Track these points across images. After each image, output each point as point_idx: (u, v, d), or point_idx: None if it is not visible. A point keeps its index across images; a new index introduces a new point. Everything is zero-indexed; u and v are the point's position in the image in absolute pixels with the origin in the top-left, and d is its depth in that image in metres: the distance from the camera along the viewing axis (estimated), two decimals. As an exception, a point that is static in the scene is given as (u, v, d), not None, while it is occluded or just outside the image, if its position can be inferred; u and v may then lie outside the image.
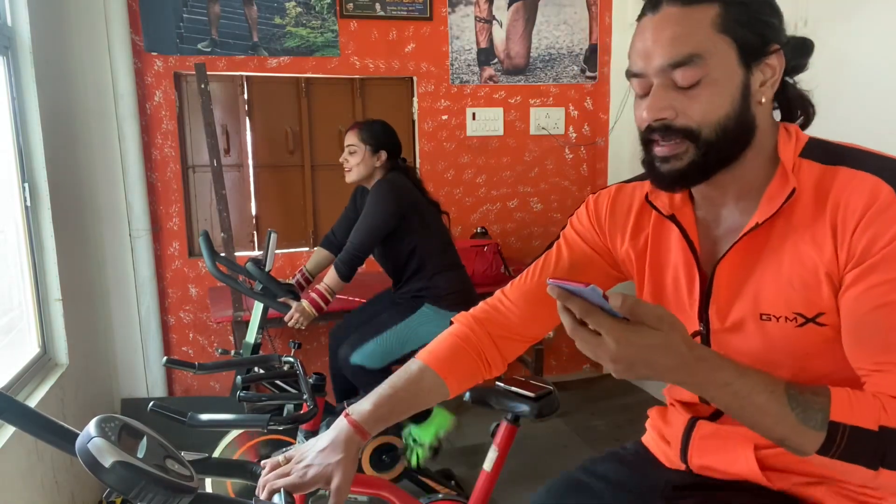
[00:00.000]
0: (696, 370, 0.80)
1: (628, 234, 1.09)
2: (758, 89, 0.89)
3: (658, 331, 0.77)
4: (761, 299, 0.92)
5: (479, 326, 1.16)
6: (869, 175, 0.84)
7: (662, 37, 0.87)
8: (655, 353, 0.77)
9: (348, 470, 0.97)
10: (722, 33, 0.86)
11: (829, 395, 0.81)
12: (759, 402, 0.81)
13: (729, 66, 0.87)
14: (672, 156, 0.90)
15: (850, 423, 0.78)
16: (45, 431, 0.70)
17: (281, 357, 1.67)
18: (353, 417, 1.02)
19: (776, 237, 0.90)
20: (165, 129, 3.04)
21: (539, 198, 3.63)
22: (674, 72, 0.87)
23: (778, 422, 0.81)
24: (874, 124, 2.16)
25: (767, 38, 0.88)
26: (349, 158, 2.50)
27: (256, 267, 2.28)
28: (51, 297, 2.31)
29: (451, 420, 2.51)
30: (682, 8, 0.87)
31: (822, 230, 0.86)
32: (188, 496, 0.68)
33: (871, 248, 0.81)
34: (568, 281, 0.77)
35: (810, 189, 0.88)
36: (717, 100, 0.87)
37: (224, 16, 3.03)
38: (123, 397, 3.06)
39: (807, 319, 0.88)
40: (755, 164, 0.92)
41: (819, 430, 0.79)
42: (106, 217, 2.94)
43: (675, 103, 0.88)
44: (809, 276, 0.87)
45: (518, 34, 3.44)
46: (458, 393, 1.12)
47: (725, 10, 0.86)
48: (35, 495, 1.95)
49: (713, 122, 0.87)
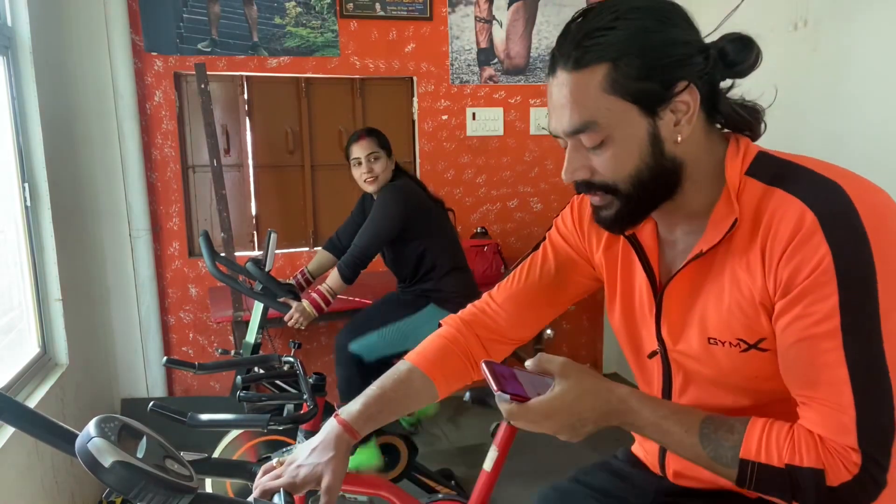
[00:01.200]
0: (621, 412, 0.87)
1: (603, 242, 1.09)
2: (671, 131, 0.86)
3: (568, 379, 0.85)
4: (707, 324, 0.92)
5: (466, 328, 1.16)
6: (796, 200, 0.81)
7: (560, 102, 0.87)
8: (582, 405, 0.85)
9: (339, 469, 0.98)
10: (613, 94, 0.84)
11: (743, 431, 0.83)
12: (677, 440, 0.86)
13: (629, 124, 0.85)
14: (602, 206, 0.92)
15: (758, 461, 0.81)
16: (44, 432, 0.70)
17: (281, 357, 1.67)
18: (342, 417, 1.02)
19: (718, 262, 0.90)
20: (165, 129, 3.04)
21: (539, 198, 3.63)
22: (578, 136, 0.87)
23: (696, 457, 0.86)
24: (874, 124, 2.16)
25: (671, 79, 0.83)
26: (374, 166, 2.45)
27: (256, 267, 2.28)
28: (51, 297, 2.31)
29: (376, 460, 2.47)
30: (572, 73, 0.85)
31: (754, 256, 0.85)
32: (188, 496, 0.68)
33: (793, 280, 0.80)
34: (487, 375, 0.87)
35: (750, 212, 0.86)
36: (623, 157, 0.86)
37: (224, 16, 3.03)
38: (123, 397, 3.07)
39: (749, 346, 0.88)
40: (696, 190, 0.91)
41: (731, 466, 0.83)
42: (106, 217, 2.94)
43: (588, 162, 0.89)
44: (746, 304, 0.87)
45: (518, 34, 3.44)
46: (446, 394, 1.13)
47: (614, 69, 0.83)
48: (35, 495, 1.95)
49: (626, 177, 0.87)
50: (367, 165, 2.45)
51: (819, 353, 0.79)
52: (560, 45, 0.87)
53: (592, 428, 0.87)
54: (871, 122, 2.17)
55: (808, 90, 2.36)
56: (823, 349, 0.78)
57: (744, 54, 0.87)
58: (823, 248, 0.77)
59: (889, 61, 2.13)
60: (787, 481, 0.80)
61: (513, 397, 0.84)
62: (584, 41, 0.84)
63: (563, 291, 1.16)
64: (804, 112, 2.36)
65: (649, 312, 1.01)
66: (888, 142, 2.13)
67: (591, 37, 0.84)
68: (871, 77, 2.18)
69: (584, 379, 0.87)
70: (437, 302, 2.45)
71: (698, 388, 0.98)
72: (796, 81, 2.38)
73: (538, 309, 1.17)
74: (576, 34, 0.85)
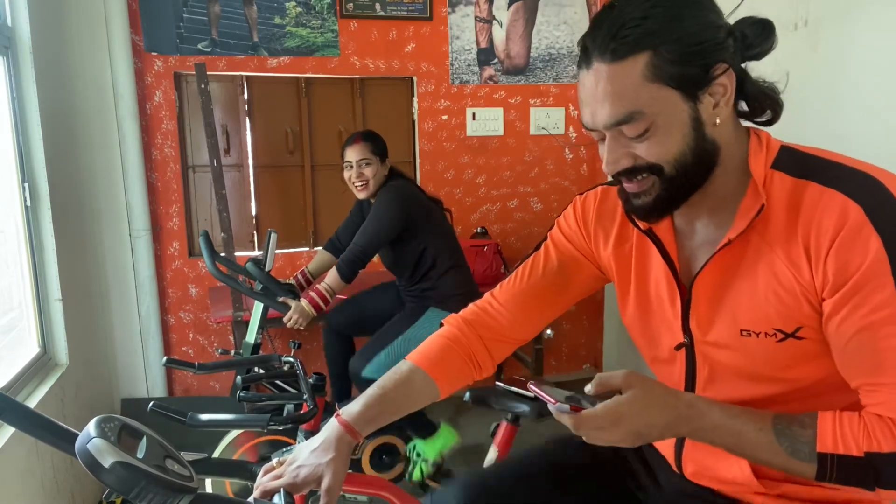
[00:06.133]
0: (690, 417, 0.86)
1: (612, 240, 1.08)
2: (711, 113, 0.87)
3: (634, 388, 0.85)
4: (739, 316, 0.92)
5: (468, 328, 1.16)
6: (837, 193, 0.83)
7: (598, 95, 0.86)
8: (650, 412, 0.85)
9: (339, 470, 0.98)
10: (656, 82, 0.84)
11: (815, 425, 0.83)
12: (751, 439, 0.85)
13: (673, 109, 0.85)
14: (641, 192, 0.91)
15: (836, 453, 0.81)
16: (44, 432, 0.70)
17: (281, 357, 1.67)
18: (343, 418, 1.02)
19: (751, 253, 0.90)
20: (165, 129, 3.04)
21: (539, 198, 3.63)
22: (620, 127, 0.87)
23: (772, 456, 0.85)
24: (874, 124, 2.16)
25: (709, 63, 0.85)
26: (365, 171, 2.47)
27: (256, 267, 2.28)
28: (51, 297, 2.31)
29: (455, 438, 2.51)
30: (611, 64, 0.84)
31: (796, 249, 0.85)
32: (188, 496, 0.68)
33: (845, 272, 0.81)
34: (540, 392, 0.87)
35: (782, 203, 0.87)
36: (668, 141, 0.86)
37: (224, 16, 3.03)
38: (123, 397, 3.06)
39: (786, 335, 0.88)
40: (725, 179, 0.91)
41: (809, 461, 0.83)
42: (106, 217, 2.94)
43: (630, 150, 0.88)
44: (786, 294, 0.87)
45: (518, 34, 3.44)
46: (448, 394, 1.13)
47: (655, 56, 0.83)
48: (35, 495, 1.95)
49: (671, 161, 0.87)
50: (358, 170, 2.47)
51: (881, 338, 0.80)
52: (594, 36, 0.86)
53: (657, 436, 0.87)
54: (872, 122, 2.17)
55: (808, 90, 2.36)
56: (885, 334, 0.80)
57: (762, 37, 0.89)
58: (874, 238, 0.79)
59: (889, 61, 2.12)
60: (869, 469, 0.80)
61: (572, 408, 0.84)
62: (622, 31, 0.83)
63: (566, 291, 1.16)
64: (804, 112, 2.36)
65: (671, 305, 1.00)
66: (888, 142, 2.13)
67: (628, 26, 0.83)
68: (871, 77, 2.18)
69: (652, 387, 0.87)
70: (437, 303, 2.45)
71: (724, 380, 0.97)
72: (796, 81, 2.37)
73: (540, 308, 1.17)
74: (611, 25, 0.84)
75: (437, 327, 1.21)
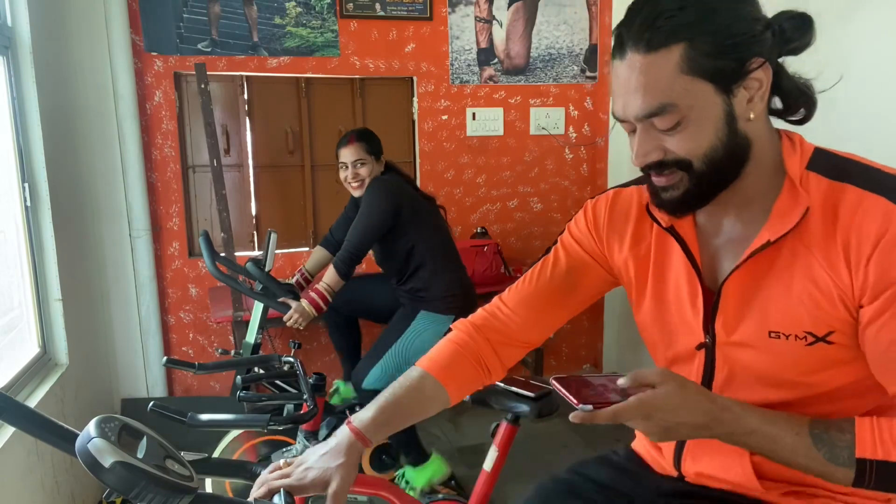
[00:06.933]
0: (724, 420, 0.85)
1: (627, 242, 1.07)
2: (745, 108, 0.86)
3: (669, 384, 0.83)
4: (770, 317, 0.90)
5: (477, 333, 1.16)
6: (880, 198, 0.82)
7: (631, 87, 0.85)
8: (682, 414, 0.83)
9: (347, 476, 0.97)
10: (690, 75, 0.83)
11: (853, 430, 0.82)
12: (788, 444, 0.84)
13: (706, 103, 0.84)
14: (669, 185, 0.90)
15: (875, 459, 0.80)
16: (44, 431, 0.69)
17: (281, 357, 1.67)
18: (354, 425, 1.02)
19: (786, 254, 0.89)
20: (165, 129, 3.04)
21: (539, 198, 3.63)
22: (651, 119, 0.86)
23: (809, 461, 0.84)
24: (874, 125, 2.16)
25: (745, 56, 0.83)
26: (361, 171, 2.48)
27: (256, 267, 2.28)
28: (51, 297, 2.31)
29: (446, 470, 2.49)
30: (646, 55, 0.83)
31: (834, 252, 0.84)
32: (188, 496, 0.68)
33: (886, 279, 0.81)
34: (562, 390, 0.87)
35: (819, 205, 0.86)
36: (700, 136, 0.85)
37: (224, 16, 3.03)
38: (123, 397, 3.06)
39: (816, 338, 0.87)
40: (756, 177, 0.90)
41: (847, 467, 0.82)
42: (106, 217, 2.94)
43: (661, 143, 0.88)
44: (822, 297, 0.86)
45: (518, 34, 3.44)
46: (458, 400, 1.12)
47: (690, 48, 0.82)
48: (35, 495, 1.95)
49: (701, 155, 0.86)
50: (353, 171, 2.49)
51: None
52: (628, 26, 0.85)
53: (686, 434, 0.86)
54: (871, 122, 2.17)
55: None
56: None
57: (801, 31, 0.87)
58: None
59: (889, 61, 2.12)
60: None
61: (596, 406, 0.83)
62: (657, 21, 0.83)
63: (575, 294, 1.16)
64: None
65: (691, 305, 0.99)
66: (888, 142, 2.13)
67: (664, 16, 0.82)
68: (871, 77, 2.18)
69: (687, 386, 0.85)
70: (428, 307, 2.44)
71: (742, 383, 0.96)
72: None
73: (550, 312, 1.16)
74: (647, 15, 0.84)
75: (429, 331, 1.21)
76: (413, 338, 2.40)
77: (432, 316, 2.42)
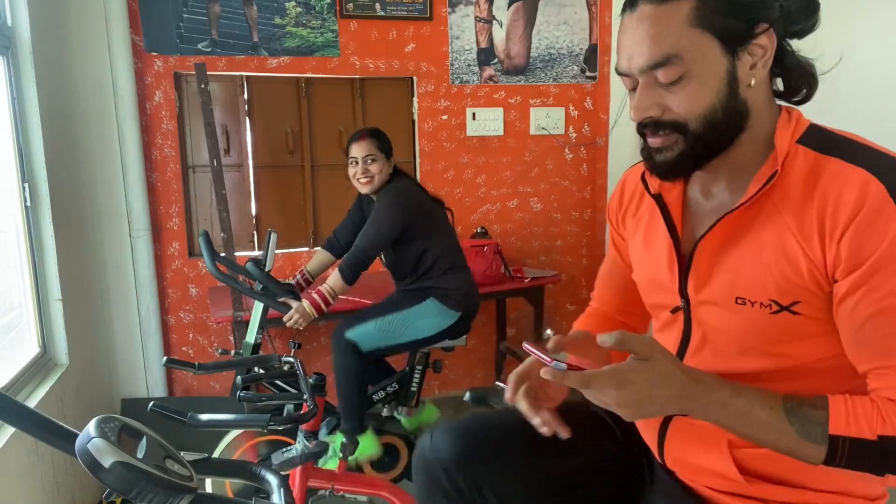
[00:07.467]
0: (696, 394, 0.83)
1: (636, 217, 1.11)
2: (747, 73, 0.87)
3: (649, 361, 0.81)
4: (738, 282, 0.91)
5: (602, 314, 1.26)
6: (859, 169, 0.82)
7: (639, 37, 0.87)
8: (656, 387, 0.81)
9: None
10: (699, 28, 0.84)
11: (826, 406, 0.82)
12: (760, 419, 0.83)
13: (710, 59, 0.85)
14: (664, 147, 0.91)
15: (849, 436, 0.80)
16: (44, 432, 0.69)
17: (281, 357, 1.67)
18: None
19: (760, 221, 0.89)
20: (165, 129, 3.04)
21: (539, 198, 3.63)
22: (655, 71, 0.87)
23: (781, 436, 0.83)
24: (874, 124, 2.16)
25: (754, 19, 0.85)
26: (371, 167, 2.46)
27: (256, 267, 2.28)
28: (51, 297, 2.31)
29: (376, 450, 2.47)
30: (657, 6, 0.85)
31: (808, 222, 0.84)
32: (188, 496, 0.68)
33: (862, 252, 0.80)
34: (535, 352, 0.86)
35: (802, 175, 0.86)
36: (701, 93, 0.86)
37: (224, 16, 3.03)
38: (123, 397, 3.06)
39: (781, 307, 0.87)
40: (749, 148, 0.91)
41: (820, 443, 0.81)
42: (106, 217, 2.94)
43: (660, 100, 0.88)
44: (789, 266, 0.86)
45: (518, 34, 3.44)
46: None
47: (702, 2, 0.84)
48: (35, 495, 1.95)
49: (699, 116, 0.87)
50: (363, 166, 2.46)
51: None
52: None
53: (659, 409, 0.83)
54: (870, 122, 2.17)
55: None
56: None
57: (805, 14, 0.90)
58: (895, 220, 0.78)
59: (887, 62, 2.13)
60: (881, 453, 0.79)
61: (570, 367, 0.81)
62: None
63: None
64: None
65: (668, 269, 1.00)
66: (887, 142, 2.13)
67: None
68: (869, 77, 2.18)
69: (666, 361, 0.83)
70: (438, 297, 2.45)
71: (714, 347, 0.97)
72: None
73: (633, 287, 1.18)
74: None
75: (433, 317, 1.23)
76: (417, 317, 2.40)
77: (440, 306, 2.42)
